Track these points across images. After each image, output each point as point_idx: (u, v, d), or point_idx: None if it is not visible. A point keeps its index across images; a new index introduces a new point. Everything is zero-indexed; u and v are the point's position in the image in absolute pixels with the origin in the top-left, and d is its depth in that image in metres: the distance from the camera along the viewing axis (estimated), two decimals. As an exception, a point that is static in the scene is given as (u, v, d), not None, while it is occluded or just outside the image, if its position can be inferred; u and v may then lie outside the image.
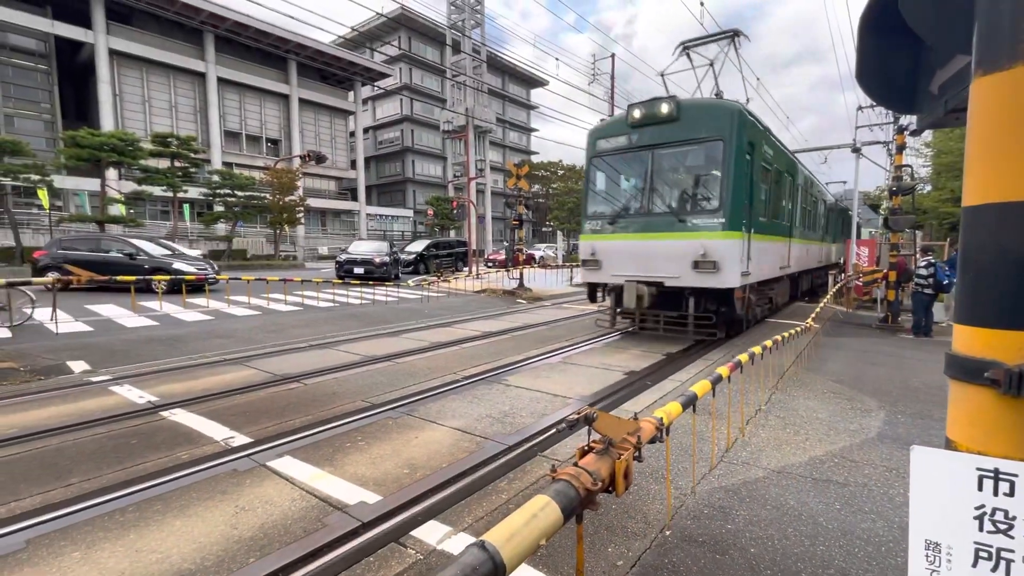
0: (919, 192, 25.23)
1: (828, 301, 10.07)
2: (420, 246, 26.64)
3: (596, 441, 1.83)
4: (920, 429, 4.29)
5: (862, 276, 14.73)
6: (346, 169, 44.32)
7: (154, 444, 3.84)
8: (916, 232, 20.60)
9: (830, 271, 18.97)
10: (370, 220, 45.20)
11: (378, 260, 19.36)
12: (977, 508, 1.04)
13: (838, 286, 13.56)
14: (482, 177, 39.63)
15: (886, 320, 11.06)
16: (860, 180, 18.85)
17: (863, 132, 19.17)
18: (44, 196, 20.84)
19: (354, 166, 44.61)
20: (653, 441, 2.10)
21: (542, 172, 55.22)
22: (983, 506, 1.04)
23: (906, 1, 1.39)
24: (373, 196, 50.79)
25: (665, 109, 7.56)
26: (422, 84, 49.64)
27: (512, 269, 19.68)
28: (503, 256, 28.94)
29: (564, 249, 39.76)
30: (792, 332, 5.47)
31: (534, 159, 59.16)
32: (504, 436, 4.11)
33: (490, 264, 30.82)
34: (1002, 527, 1.02)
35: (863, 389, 5.51)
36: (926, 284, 9.59)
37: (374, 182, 51.61)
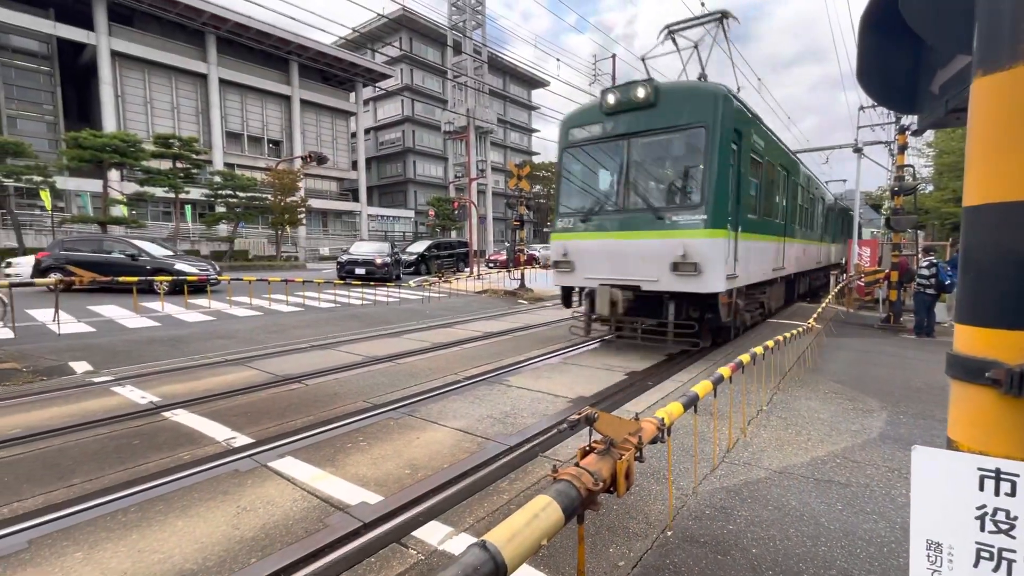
0: (921, 192, 25.20)
1: (830, 301, 10.04)
2: (421, 247, 26.68)
3: (597, 441, 1.83)
4: (922, 429, 4.28)
5: (864, 276, 14.71)
6: (347, 170, 44.39)
7: (156, 444, 3.84)
8: (918, 232, 20.56)
9: (831, 272, 18.89)
10: (371, 221, 45.26)
11: (379, 261, 19.39)
12: (978, 508, 1.04)
13: (839, 286, 13.54)
14: (483, 178, 39.62)
15: (888, 320, 11.04)
16: (862, 180, 18.81)
17: (865, 132, 19.18)
18: (46, 197, 20.94)
19: (355, 167, 44.68)
20: (654, 441, 2.09)
21: (543, 172, 55.22)
22: (984, 506, 1.04)
23: (907, 1, 1.39)
24: (374, 197, 50.85)
25: (641, 93, 6.85)
26: (423, 85, 49.69)
27: (513, 269, 19.70)
28: (504, 257, 28.95)
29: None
30: (793, 333, 5.46)
31: (535, 160, 59.24)
32: (505, 436, 4.11)
33: (491, 265, 30.85)
34: (1003, 527, 1.02)
35: (865, 389, 5.50)
36: (928, 284, 9.58)
37: (375, 183, 51.67)
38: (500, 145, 56.24)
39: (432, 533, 2.69)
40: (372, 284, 17.04)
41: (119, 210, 24.05)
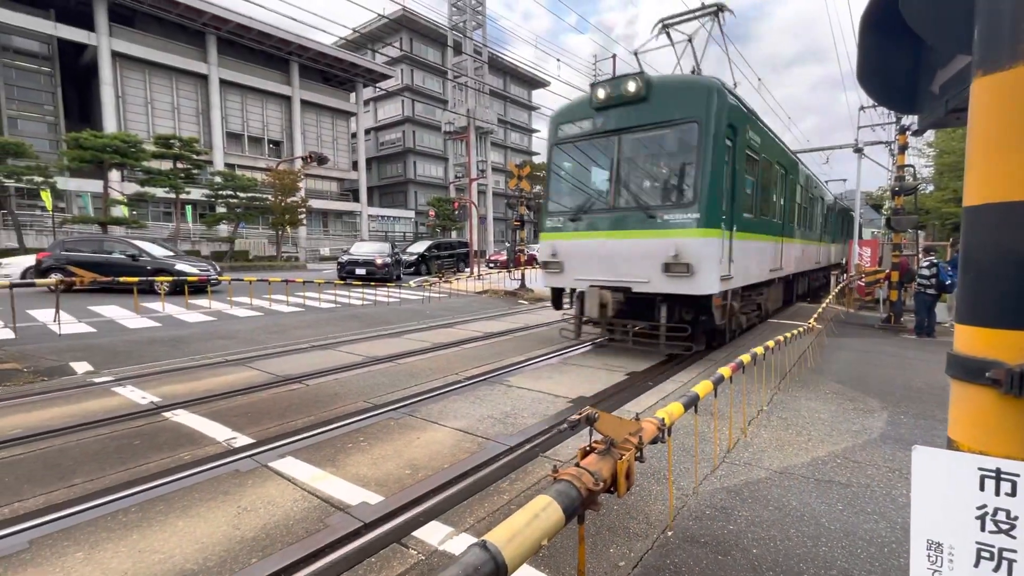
0: (921, 192, 25.16)
1: (830, 302, 10.04)
2: (422, 247, 26.70)
3: (598, 441, 1.83)
4: (923, 430, 4.28)
5: (864, 276, 14.71)
6: (348, 170, 44.40)
7: (157, 445, 3.85)
8: (918, 232, 20.55)
9: (831, 272, 18.88)
10: (372, 221, 45.27)
11: (380, 261, 19.40)
12: (979, 508, 1.04)
13: (840, 286, 13.54)
14: (484, 178, 39.66)
15: (889, 320, 11.04)
16: (862, 180, 18.81)
17: (865, 132, 19.22)
18: (47, 198, 20.97)
19: (356, 167, 44.70)
20: (655, 441, 2.09)
21: (543, 173, 55.20)
22: (985, 506, 1.04)
23: (907, 1, 1.39)
24: (375, 197, 50.86)
25: (632, 87, 6.62)
26: (423, 85, 49.70)
27: (513, 270, 19.71)
28: (504, 257, 28.97)
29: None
30: (793, 333, 5.45)
31: (536, 160, 59.10)
32: (506, 436, 4.11)
33: (492, 265, 30.88)
34: (1004, 527, 1.02)
35: (865, 389, 5.50)
36: (929, 284, 9.58)
37: (376, 183, 51.68)
38: (500, 145, 56.23)
39: (432, 533, 2.69)
40: (372, 284, 17.06)
41: (120, 210, 24.07)
